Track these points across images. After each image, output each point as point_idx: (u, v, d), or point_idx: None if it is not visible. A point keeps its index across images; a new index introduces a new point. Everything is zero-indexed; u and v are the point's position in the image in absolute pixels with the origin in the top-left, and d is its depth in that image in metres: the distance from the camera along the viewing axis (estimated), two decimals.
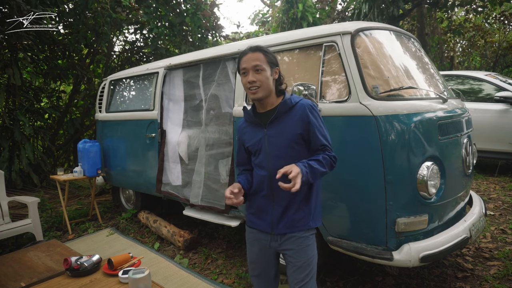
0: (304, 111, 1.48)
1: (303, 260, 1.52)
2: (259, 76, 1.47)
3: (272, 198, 1.55)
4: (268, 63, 1.49)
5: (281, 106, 1.50)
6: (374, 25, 2.38)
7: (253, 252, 1.65)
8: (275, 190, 1.52)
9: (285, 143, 1.49)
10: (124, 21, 6.55)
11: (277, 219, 1.54)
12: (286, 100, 1.51)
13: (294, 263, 1.53)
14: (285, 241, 1.54)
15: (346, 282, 2.53)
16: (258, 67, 1.47)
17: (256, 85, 1.47)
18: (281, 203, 1.53)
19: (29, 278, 1.78)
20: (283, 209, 1.53)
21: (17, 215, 3.97)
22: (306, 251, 1.53)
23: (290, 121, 1.49)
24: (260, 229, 1.60)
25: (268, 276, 1.65)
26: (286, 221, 1.53)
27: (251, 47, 1.52)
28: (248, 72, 1.49)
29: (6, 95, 4.98)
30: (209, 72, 3.22)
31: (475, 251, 2.86)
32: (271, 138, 1.51)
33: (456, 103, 2.46)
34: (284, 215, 1.53)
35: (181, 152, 3.46)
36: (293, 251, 1.53)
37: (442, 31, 10.99)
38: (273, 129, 1.51)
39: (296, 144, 1.49)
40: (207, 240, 3.50)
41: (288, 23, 8.95)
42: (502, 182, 4.69)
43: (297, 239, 1.53)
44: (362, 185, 2.04)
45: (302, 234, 1.53)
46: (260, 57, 1.48)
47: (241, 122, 1.68)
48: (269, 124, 1.52)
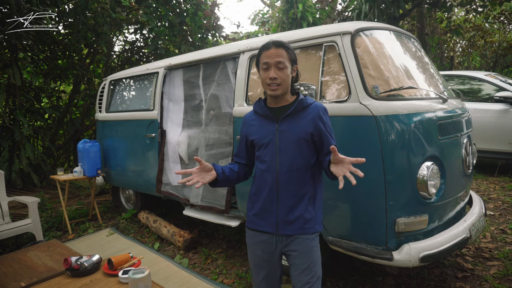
0: (318, 112, 1.49)
1: (308, 262, 1.49)
2: (281, 73, 1.46)
3: (276, 196, 1.51)
4: (289, 61, 1.48)
5: (298, 104, 1.50)
6: (374, 25, 2.38)
7: (257, 256, 1.59)
8: (281, 186, 1.50)
9: (296, 140, 1.48)
10: (124, 21, 6.55)
11: (282, 219, 1.51)
12: (303, 99, 1.51)
13: (299, 265, 1.50)
14: (291, 242, 1.51)
15: (346, 282, 2.53)
16: (281, 64, 1.45)
17: (276, 82, 1.46)
18: (286, 203, 1.50)
19: (29, 278, 1.78)
20: (288, 209, 1.50)
21: (17, 215, 3.97)
22: (312, 253, 1.51)
23: (303, 119, 1.49)
24: (262, 230, 1.55)
25: (273, 279, 1.61)
26: (293, 222, 1.50)
27: (274, 42, 1.49)
28: (270, 67, 1.46)
29: (6, 95, 4.98)
30: (209, 72, 3.22)
31: (475, 251, 2.86)
32: (282, 133, 1.50)
33: (456, 103, 2.46)
34: (290, 215, 1.50)
35: (181, 152, 3.46)
36: (299, 252, 1.50)
37: (442, 31, 11.00)
38: (285, 125, 1.50)
39: (305, 141, 1.48)
40: (207, 240, 3.50)
41: (288, 23, 8.95)
42: (502, 182, 4.69)
43: (303, 241, 1.50)
44: (362, 185, 2.03)
45: (308, 236, 1.51)
46: (283, 54, 1.46)
47: (249, 114, 1.65)
48: (282, 119, 1.51)
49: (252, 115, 1.63)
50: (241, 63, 2.72)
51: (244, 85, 2.66)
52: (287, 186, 1.49)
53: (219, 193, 3.04)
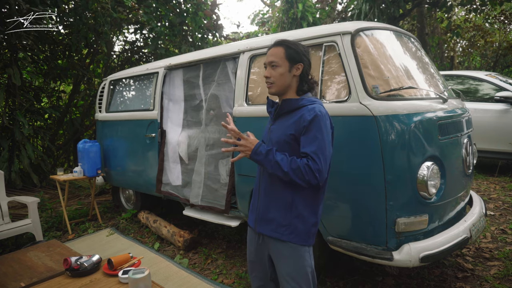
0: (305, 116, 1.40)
1: (286, 271, 1.45)
2: (273, 72, 1.47)
3: (258, 192, 1.55)
4: (286, 59, 1.46)
5: (281, 106, 1.49)
6: (374, 25, 2.38)
7: (251, 251, 1.64)
8: (262, 185, 1.52)
9: (277, 141, 1.48)
10: (124, 21, 6.55)
11: (260, 217, 1.53)
12: (291, 99, 1.48)
13: (279, 271, 1.49)
14: (272, 244, 1.49)
15: (346, 282, 2.52)
16: (273, 63, 1.47)
17: (270, 81, 1.49)
18: (264, 200, 1.52)
19: (29, 278, 1.78)
20: (265, 208, 1.51)
21: (17, 215, 3.97)
22: (293, 262, 1.45)
23: (288, 120, 1.47)
24: (249, 225, 1.62)
25: (265, 277, 1.63)
26: (268, 222, 1.49)
27: (275, 41, 1.51)
28: (267, 66, 1.51)
29: (6, 95, 4.98)
30: (209, 72, 3.22)
31: (475, 251, 2.86)
32: (271, 133, 1.53)
33: (456, 103, 2.46)
34: (266, 214, 1.50)
35: (181, 152, 3.46)
36: (280, 257, 1.47)
37: (442, 31, 10.99)
38: (276, 125, 1.53)
39: (286, 144, 1.45)
40: (207, 240, 3.50)
41: (288, 23, 8.96)
42: (502, 182, 4.69)
43: (285, 247, 1.45)
44: (362, 185, 2.04)
45: (284, 243, 1.45)
46: (278, 53, 1.47)
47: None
48: (275, 119, 1.54)
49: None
50: (241, 63, 2.72)
51: (244, 85, 2.66)
52: (267, 186, 1.51)
53: (219, 193, 3.04)
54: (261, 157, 1.40)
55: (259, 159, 1.41)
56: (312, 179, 1.34)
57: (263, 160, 1.40)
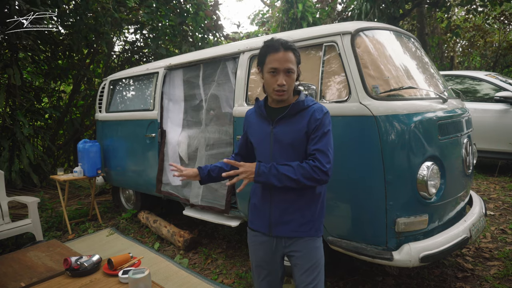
0: (314, 114, 1.43)
1: (311, 263, 1.49)
2: (288, 79, 1.40)
3: (269, 197, 1.51)
4: (296, 64, 1.43)
5: (292, 108, 1.45)
6: (374, 25, 2.38)
7: (258, 257, 1.59)
8: (273, 189, 1.49)
9: (290, 143, 1.45)
10: (125, 21, 6.55)
11: (275, 220, 1.50)
12: (299, 101, 1.45)
13: (301, 266, 1.50)
14: (292, 243, 1.51)
15: (346, 282, 2.53)
16: (291, 70, 1.39)
17: (284, 89, 1.40)
18: (279, 205, 1.49)
19: (29, 278, 1.78)
20: (281, 211, 1.49)
21: (17, 215, 3.97)
22: (314, 254, 1.50)
23: (299, 121, 1.44)
24: (259, 230, 1.56)
25: (275, 279, 1.62)
26: (286, 224, 1.49)
27: (282, 43, 1.39)
28: (278, 73, 1.39)
29: (6, 95, 4.98)
30: (209, 72, 3.22)
31: (475, 251, 2.86)
32: (276, 135, 1.47)
33: (456, 103, 2.46)
34: (283, 217, 1.49)
35: (181, 152, 3.46)
36: (301, 253, 1.49)
37: (442, 31, 10.99)
38: (280, 127, 1.47)
39: (301, 144, 1.44)
40: (207, 240, 3.50)
41: (288, 23, 8.96)
42: (502, 182, 4.69)
43: (305, 242, 1.49)
44: (362, 185, 2.04)
45: (307, 238, 1.49)
46: (292, 58, 1.39)
47: (251, 111, 1.63)
48: (277, 121, 1.47)
49: (253, 113, 1.61)
50: (241, 63, 2.72)
51: (244, 85, 2.66)
52: (280, 188, 1.46)
53: (219, 193, 3.04)
54: (265, 176, 1.40)
55: (263, 179, 1.41)
56: (323, 177, 1.38)
57: (268, 177, 1.40)
